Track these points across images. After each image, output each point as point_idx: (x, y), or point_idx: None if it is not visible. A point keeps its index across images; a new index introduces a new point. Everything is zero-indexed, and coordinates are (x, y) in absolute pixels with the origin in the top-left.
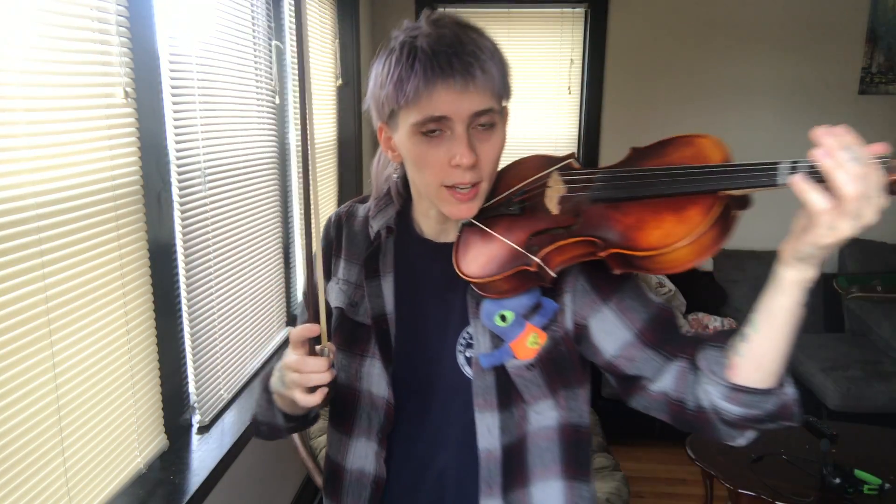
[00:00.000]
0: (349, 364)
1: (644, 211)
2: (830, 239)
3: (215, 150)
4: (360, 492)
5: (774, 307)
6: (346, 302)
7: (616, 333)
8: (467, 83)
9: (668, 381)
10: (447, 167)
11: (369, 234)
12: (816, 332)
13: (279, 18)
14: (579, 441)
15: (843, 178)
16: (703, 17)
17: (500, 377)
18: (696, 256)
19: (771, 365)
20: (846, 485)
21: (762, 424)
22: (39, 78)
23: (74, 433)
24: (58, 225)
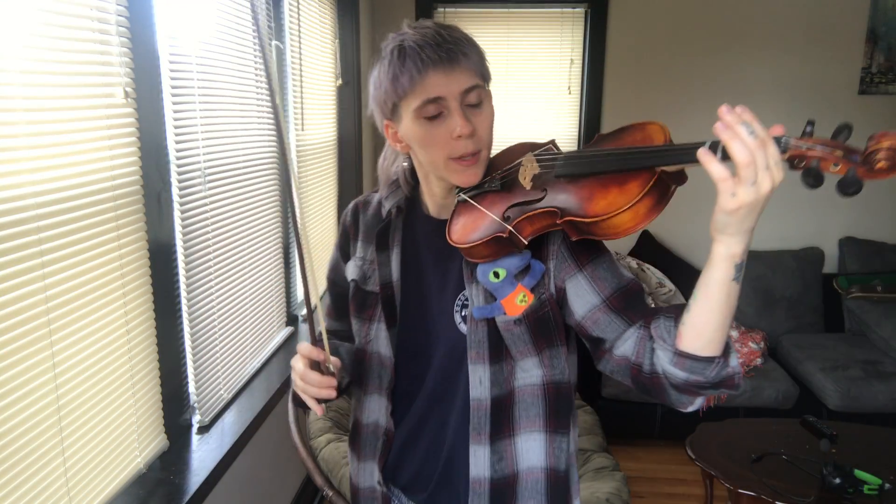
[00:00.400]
0: (360, 328)
1: (595, 185)
2: (733, 204)
3: (215, 150)
4: (375, 442)
5: (710, 281)
6: (359, 275)
7: (585, 297)
8: (453, 65)
9: (629, 347)
10: (451, 141)
11: (381, 214)
12: (816, 332)
13: (279, 18)
14: (560, 396)
15: (737, 147)
16: (703, 17)
17: (491, 332)
18: (634, 222)
19: (710, 333)
20: (846, 485)
21: (706, 390)
22: (39, 78)
23: (74, 433)
24: (58, 225)
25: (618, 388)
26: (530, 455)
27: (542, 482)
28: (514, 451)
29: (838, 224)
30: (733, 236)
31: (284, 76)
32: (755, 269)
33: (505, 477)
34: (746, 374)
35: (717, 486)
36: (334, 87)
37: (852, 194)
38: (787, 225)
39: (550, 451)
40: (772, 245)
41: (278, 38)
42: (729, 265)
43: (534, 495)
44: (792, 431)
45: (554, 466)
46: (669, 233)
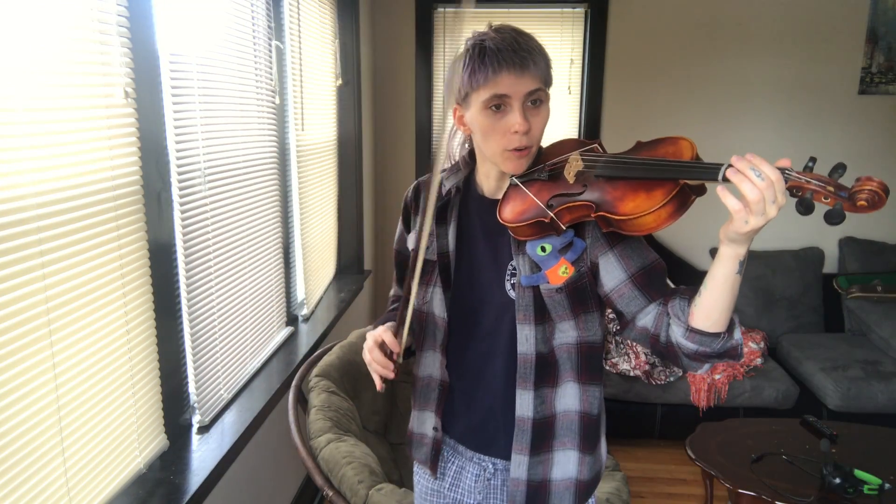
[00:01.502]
0: (419, 291)
1: (628, 187)
2: (746, 229)
3: (215, 150)
4: (430, 394)
5: (717, 274)
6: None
7: (614, 273)
8: (523, 70)
9: (649, 320)
10: (508, 134)
11: (441, 193)
12: (816, 332)
13: (279, 18)
14: (592, 354)
15: (747, 188)
16: (703, 17)
17: (536, 298)
18: (657, 224)
19: (717, 315)
20: (846, 485)
21: (712, 359)
22: (39, 78)
23: (74, 433)
24: (58, 225)
25: (618, 388)
26: (566, 400)
27: (577, 423)
28: (554, 396)
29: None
30: (741, 245)
31: (284, 76)
32: (755, 269)
33: (545, 417)
34: (746, 373)
35: (717, 486)
36: (334, 87)
37: (836, 224)
38: (787, 225)
39: (584, 398)
40: (772, 245)
41: (278, 38)
42: (734, 262)
43: (568, 434)
44: (792, 431)
45: (587, 411)
46: (669, 233)
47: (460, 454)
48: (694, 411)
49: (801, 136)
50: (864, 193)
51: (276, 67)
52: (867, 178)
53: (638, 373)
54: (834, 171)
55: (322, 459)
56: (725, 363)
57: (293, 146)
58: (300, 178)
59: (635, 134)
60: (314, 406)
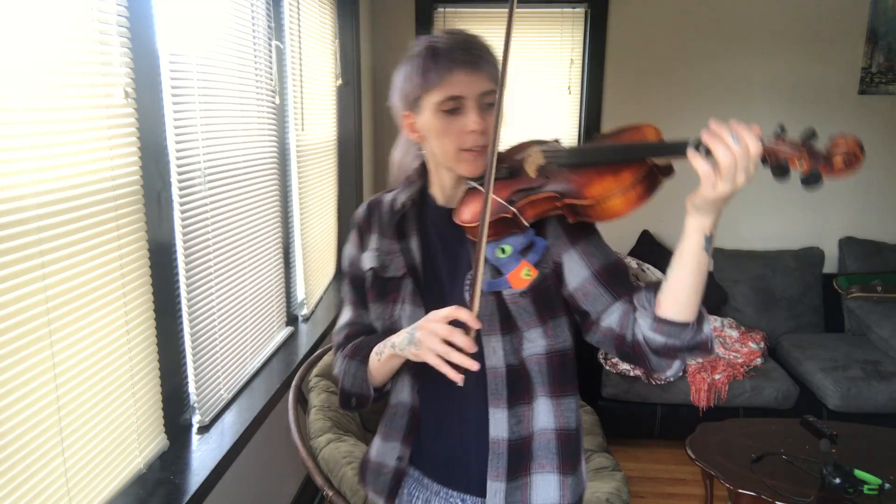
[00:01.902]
0: (384, 311)
1: (593, 173)
2: (713, 195)
3: (215, 150)
4: (398, 421)
5: (683, 250)
6: (378, 264)
7: (577, 271)
8: (476, 69)
9: (613, 319)
10: (464, 134)
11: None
12: (816, 332)
13: (279, 18)
14: (564, 363)
15: (722, 152)
16: (703, 16)
17: (500, 306)
18: (627, 206)
19: (685, 299)
20: (846, 485)
21: (682, 353)
22: (39, 77)
23: (74, 433)
24: (58, 225)
25: (618, 388)
26: (541, 418)
27: (554, 441)
28: (531, 414)
29: (838, 224)
30: (707, 214)
31: (284, 76)
32: (755, 269)
33: (521, 438)
34: (746, 373)
35: (717, 486)
36: (334, 87)
37: (814, 188)
38: (787, 225)
39: (559, 414)
40: (772, 245)
41: (278, 38)
42: (700, 236)
43: (546, 455)
44: (792, 431)
45: (564, 426)
46: (669, 233)
47: (425, 487)
48: (694, 411)
49: None
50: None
51: (276, 67)
52: (840, 137)
53: (638, 373)
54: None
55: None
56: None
57: (293, 146)
58: (300, 178)
59: None
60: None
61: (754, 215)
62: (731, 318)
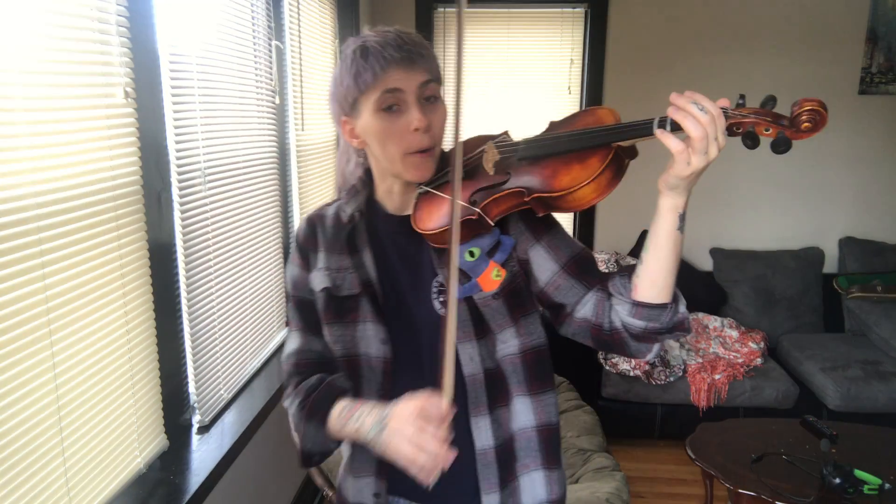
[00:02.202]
0: (343, 333)
1: (558, 163)
2: (688, 171)
3: (215, 150)
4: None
5: (658, 231)
6: (330, 283)
7: (546, 265)
8: (412, 63)
9: (588, 309)
10: (407, 135)
11: (342, 222)
12: (816, 332)
13: (279, 18)
14: (539, 359)
15: (691, 125)
16: (702, 17)
17: (471, 310)
18: (597, 194)
19: (661, 280)
20: (846, 485)
21: (662, 335)
22: (39, 78)
23: (74, 433)
24: (58, 225)
25: (618, 388)
26: (520, 417)
27: (535, 439)
28: (509, 416)
29: (838, 224)
30: (680, 193)
31: (284, 76)
32: (755, 269)
33: (504, 441)
34: (746, 373)
35: (717, 486)
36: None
37: (783, 152)
38: (787, 225)
39: (539, 410)
40: (772, 245)
41: (278, 38)
42: (674, 215)
43: (530, 454)
44: (792, 431)
45: (545, 422)
46: None
47: None
48: (694, 411)
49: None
50: (805, 115)
51: (276, 67)
52: (803, 100)
53: (638, 373)
54: (765, 103)
55: None
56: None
57: (293, 146)
58: (300, 178)
59: None
60: None
61: (754, 215)
62: (731, 318)
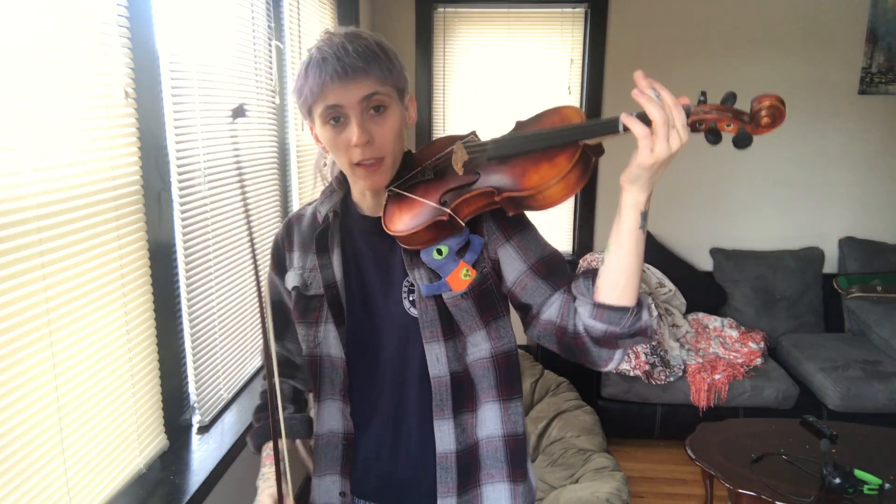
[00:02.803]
0: (308, 333)
1: (526, 163)
2: (651, 160)
3: (215, 150)
4: (331, 452)
5: (620, 229)
6: (301, 283)
7: (514, 265)
8: (349, 78)
9: (553, 310)
10: (350, 148)
11: (318, 221)
12: (816, 332)
13: (279, 18)
14: (509, 364)
15: (654, 108)
16: (702, 17)
17: (440, 310)
18: (566, 192)
19: (623, 281)
20: (846, 485)
21: (623, 340)
22: (40, 78)
23: (74, 433)
24: (58, 225)
25: (617, 388)
26: (488, 424)
27: (502, 449)
28: (475, 422)
29: (838, 224)
30: (641, 188)
31: (284, 76)
32: (755, 269)
33: (468, 447)
34: (746, 374)
35: (717, 486)
36: None
37: (744, 147)
38: (787, 225)
39: (506, 418)
40: (772, 245)
41: (278, 38)
42: (636, 213)
43: (495, 463)
44: (792, 431)
45: (511, 432)
46: (669, 233)
47: None
48: (694, 411)
49: (801, 135)
50: (764, 111)
51: (276, 67)
52: (762, 96)
53: (638, 373)
54: (726, 99)
55: None
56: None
57: (293, 146)
58: (300, 178)
59: None
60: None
61: (754, 215)
62: (731, 318)
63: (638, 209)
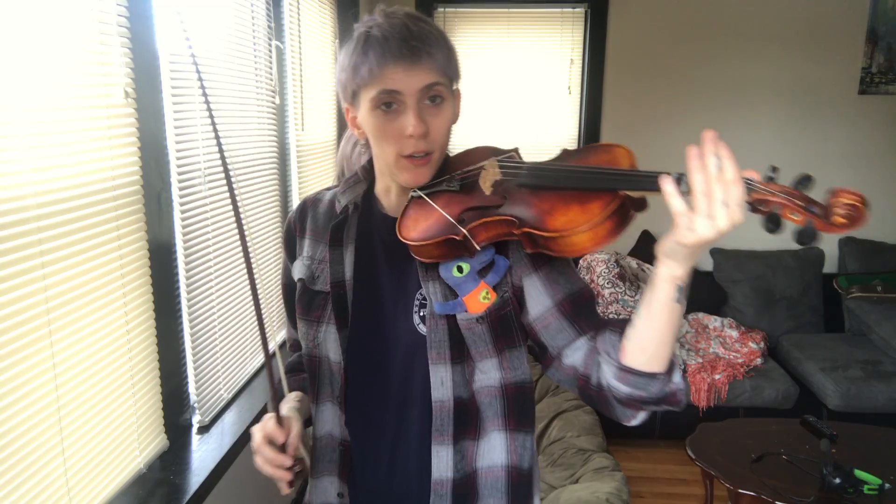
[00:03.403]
0: (308, 331)
1: (557, 199)
2: (691, 239)
3: (215, 150)
4: (329, 454)
5: (652, 300)
6: (307, 274)
7: (539, 299)
8: (414, 62)
9: (578, 357)
10: (402, 138)
11: (335, 211)
12: (816, 332)
13: (279, 18)
14: (521, 395)
15: (698, 176)
16: (702, 16)
17: (451, 332)
18: (593, 243)
19: (654, 349)
20: (846, 485)
21: (649, 405)
22: (39, 77)
23: (74, 433)
24: (58, 225)
25: None
26: (492, 454)
27: (503, 480)
28: (476, 450)
29: None
30: (680, 263)
31: (284, 76)
32: (755, 269)
33: (466, 476)
34: (746, 374)
35: (717, 486)
36: (334, 86)
37: (807, 244)
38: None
39: (513, 449)
40: (772, 245)
41: (278, 38)
42: (671, 286)
43: (494, 493)
44: (792, 431)
45: (517, 464)
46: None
47: None
48: (694, 411)
49: (801, 136)
50: (842, 209)
51: (276, 67)
52: (843, 191)
53: None
54: (799, 182)
55: None
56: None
57: (293, 146)
58: (300, 178)
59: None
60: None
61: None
62: (731, 318)
63: (674, 283)
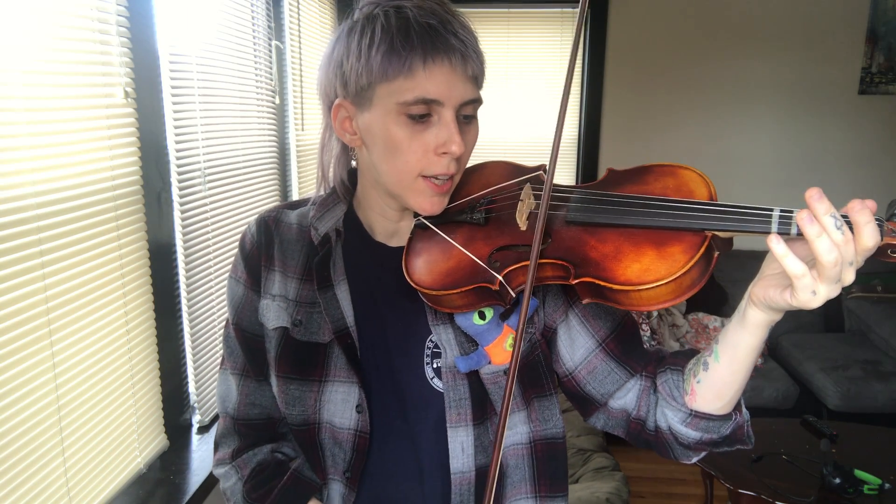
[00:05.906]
0: (302, 394)
1: (622, 241)
2: (815, 303)
3: (215, 150)
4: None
5: (739, 343)
6: (289, 322)
7: (579, 341)
8: (466, 64)
9: (630, 399)
10: (431, 155)
11: (311, 239)
12: (816, 332)
13: (279, 18)
14: (553, 454)
15: (824, 247)
16: (702, 16)
17: (473, 387)
18: (674, 297)
19: (731, 394)
20: (846, 485)
21: (720, 447)
22: (39, 78)
23: (74, 433)
24: (58, 225)
25: None
26: None
27: None
28: None
29: None
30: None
31: (284, 76)
32: (755, 268)
33: None
34: None
35: (717, 486)
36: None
37: None
38: None
39: None
40: None
41: (278, 38)
42: (765, 331)
43: None
44: (792, 431)
45: None
46: None
47: None
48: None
49: (802, 136)
50: None
51: (276, 67)
52: None
53: None
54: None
55: None
56: None
57: (293, 146)
58: (300, 178)
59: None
60: None
61: None
62: None
63: (768, 327)
